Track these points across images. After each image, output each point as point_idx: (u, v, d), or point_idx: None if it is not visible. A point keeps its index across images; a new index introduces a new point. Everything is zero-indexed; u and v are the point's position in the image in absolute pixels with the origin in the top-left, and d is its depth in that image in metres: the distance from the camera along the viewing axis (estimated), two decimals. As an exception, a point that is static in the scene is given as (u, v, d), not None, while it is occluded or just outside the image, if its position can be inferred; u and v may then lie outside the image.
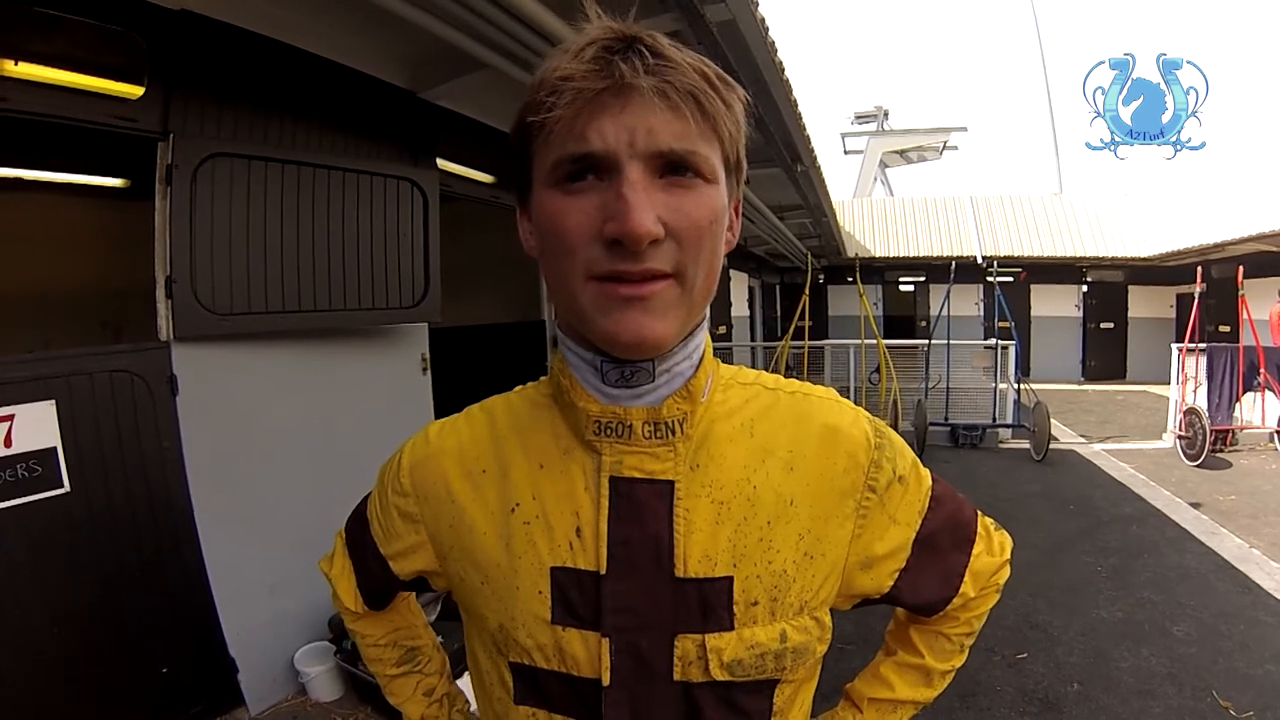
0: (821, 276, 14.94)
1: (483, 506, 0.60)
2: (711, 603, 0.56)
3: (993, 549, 0.71)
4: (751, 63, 3.51)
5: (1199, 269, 7.43)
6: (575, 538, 0.57)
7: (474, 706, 0.70)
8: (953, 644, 0.74)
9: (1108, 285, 14.18)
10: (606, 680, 0.55)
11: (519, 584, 0.58)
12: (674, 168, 0.49)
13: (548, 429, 0.60)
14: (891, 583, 0.64)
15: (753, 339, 12.78)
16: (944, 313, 7.91)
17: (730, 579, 0.56)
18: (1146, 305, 13.89)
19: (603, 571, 0.56)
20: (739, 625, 0.56)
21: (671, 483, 0.57)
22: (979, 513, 0.72)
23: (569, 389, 0.58)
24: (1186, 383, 7.05)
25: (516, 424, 0.62)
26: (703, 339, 0.59)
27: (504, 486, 0.60)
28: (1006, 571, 0.72)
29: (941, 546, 0.67)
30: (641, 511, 0.56)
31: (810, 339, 8.57)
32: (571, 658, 0.56)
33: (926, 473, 0.67)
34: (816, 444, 0.60)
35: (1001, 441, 7.67)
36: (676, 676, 0.56)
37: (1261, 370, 6.64)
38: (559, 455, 0.59)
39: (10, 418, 1.98)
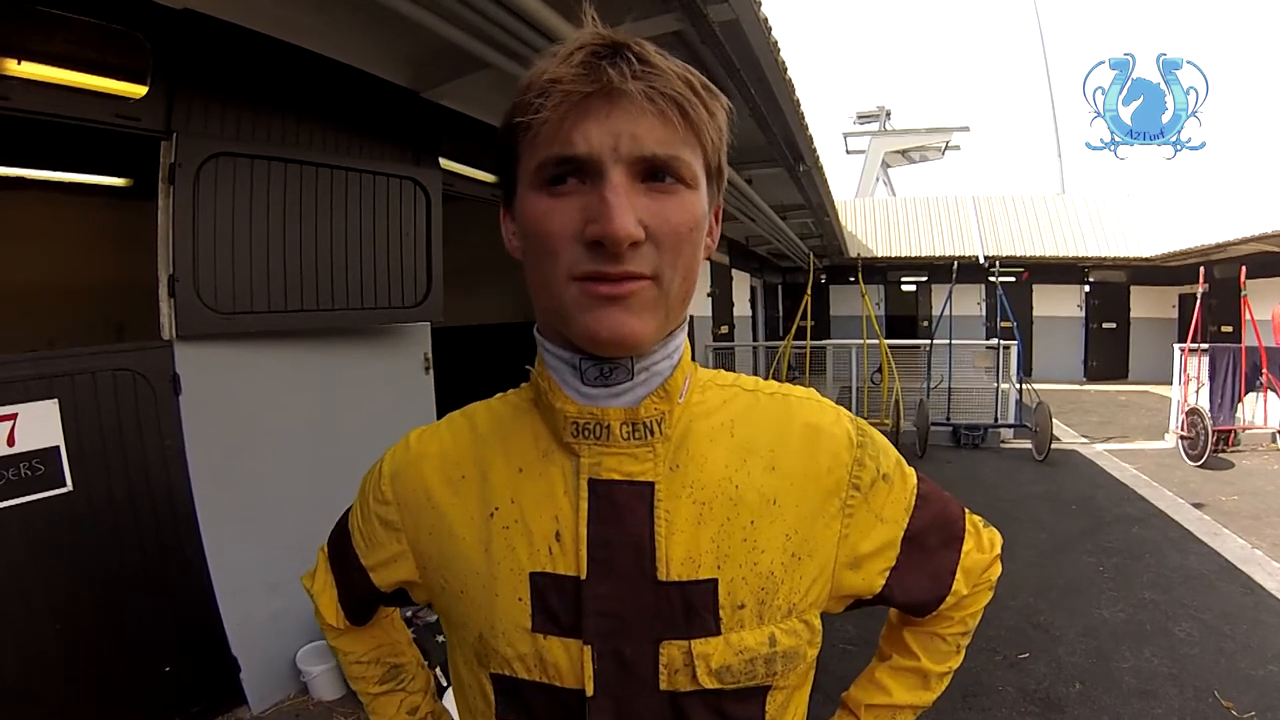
0: (823, 276, 14.93)
1: (462, 512, 0.60)
2: (696, 606, 0.54)
3: (982, 546, 0.71)
4: (754, 63, 3.51)
5: (1201, 269, 7.43)
6: (555, 542, 0.56)
7: None
8: (948, 645, 0.73)
9: (1110, 285, 14.18)
10: (590, 690, 0.54)
11: (498, 590, 0.56)
12: (656, 173, 0.50)
13: (528, 432, 0.60)
14: (883, 582, 0.64)
15: (755, 339, 12.77)
16: (946, 313, 7.91)
17: (714, 581, 0.55)
18: (1149, 305, 13.89)
19: (583, 576, 0.54)
20: (726, 629, 0.55)
21: (651, 484, 0.56)
22: (966, 510, 0.72)
23: (547, 391, 0.57)
24: (1189, 383, 7.04)
25: (498, 428, 0.62)
26: (682, 340, 0.59)
27: (483, 491, 0.59)
28: (998, 568, 0.72)
29: (930, 544, 0.66)
30: (621, 514, 0.55)
31: (812, 339, 8.57)
32: (553, 667, 0.55)
33: (911, 471, 0.66)
34: (798, 443, 0.60)
35: (1003, 441, 7.67)
36: (663, 685, 0.54)
37: (1264, 370, 6.63)
38: (538, 458, 0.58)
39: (13, 416, 1.98)
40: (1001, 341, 7.74)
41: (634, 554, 0.55)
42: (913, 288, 15.61)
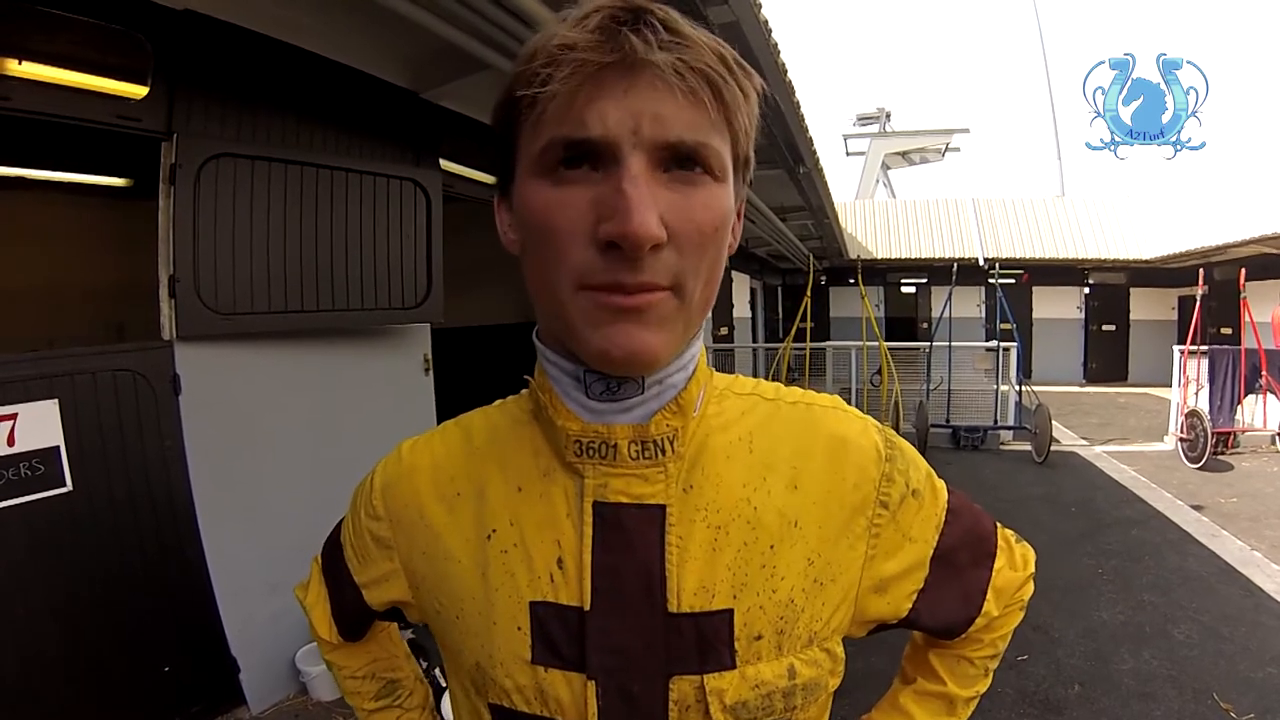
0: (823, 278, 14.94)
1: (458, 532, 0.55)
2: (710, 639, 0.50)
3: (1015, 563, 0.66)
4: (754, 64, 3.47)
5: (1200, 271, 7.43)
6: (556, 569, 0.51)
7: None
8: (976, 668, 0.69)
9: (1109, 287, 14.19)
10: None
11: (496, 619, 0.52)
12: (681, 161, 0.43)
13: (527, 448, 0.55)
14: (910, 605, 0.59)
15: (754, 341, 12.78)
16: (946, 314, 7.91)
17: (730, 612, 0.50)
18: (1148, 307, 13.90)
19: (587, 607, 0.50)
20: (741, 663, 0.50)
21: (662, 507, 0.51)
22: (998, 524, 0.67)
23: (548, 405, 0.52)
24: (1188, 385, 7.04)
25: (495, 441, 0.57)
26: (698, 348, 0.54)
27: (480, 510, 0.55)
28: (1030, 587, 0.67)
29: (961, 563, 0.62)
30: (629, 540, 0.51)
31: (812, 341, 8.57)
32: (555, 701, 0.51)
33: (942, 484, 0.62)
34: (822, 458, 0.55)
35: (1003, 443, 7.66)
36: None
37: (1263, 372, 6.64)
38: (539, 477, 0.54)
39: (13, 416, 1.98)
40: (1001, 343, 7.74)
41: (643, 583, 0.51)
42: (912, 289, 15.63)
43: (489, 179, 3.93)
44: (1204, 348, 7.13)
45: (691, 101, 0.42)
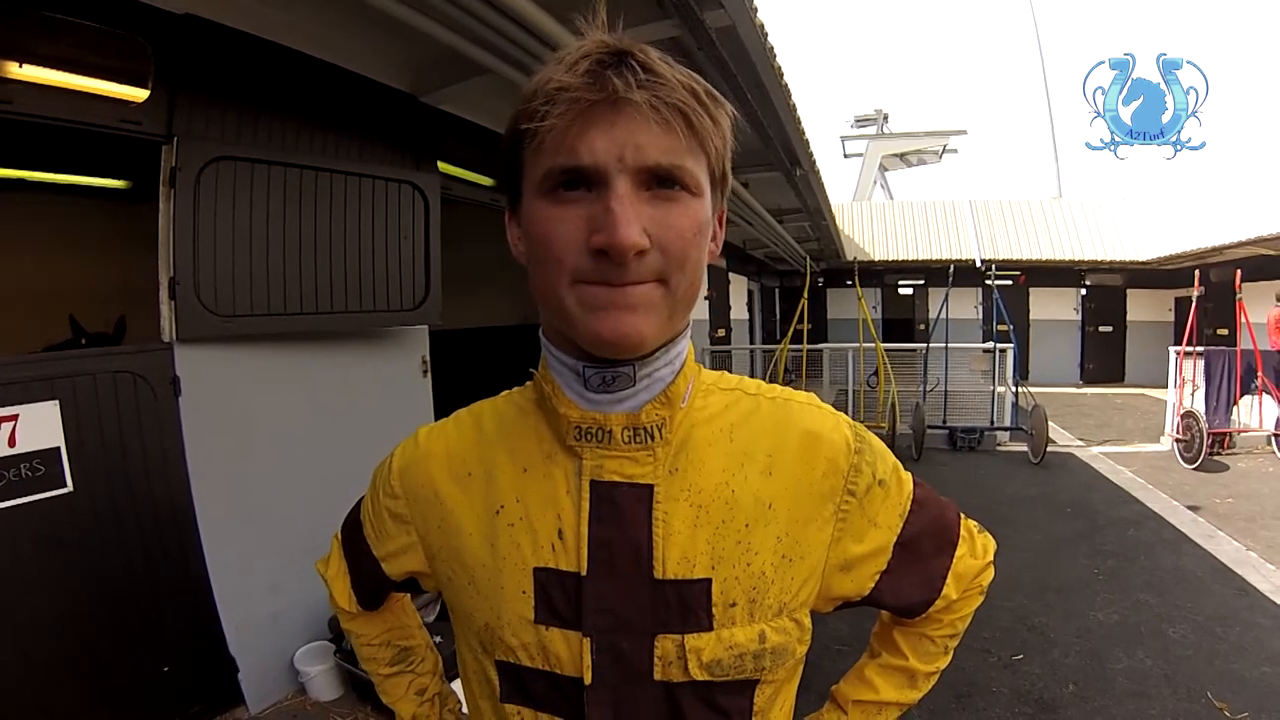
0: (820, 280, 14.97)
1: (469, 509, 0.62)
2: (690, 604, 0.57)
3: (975, 551, 0.73)
4: (750, 68, 3.54)
5: (1197, 273, 7.46)
6: (557, 539, 0.58)
7: (465, 707, 0.72)
8: (936, 646, 0.75)
9: (1106, 289, 14.23)
10: (588, 679, 0.57)
11: (503, 584, 0.59)
12: (661, 181, 0.50)
13: (531, 433, 0.62)
14: (872, 585, 0.66)
15: (752, 342, 12.79)
16: (943, 316, 7.93)
17: (708, 581, 0.57)
18: (1145, 308, 13.95)
19: (583, 573, 0.57)
20: (718, 626, 0.57)
21: (651, 486, 0.58)
22: (962, 515, 0.73)
23: (551, 395, 0.60)
24: (1184, 386, 7.06)
25: (502, 428, 0.64)
26: (685, 346, 0.60)
27: (489, 489, 0.62)
28: (990, 574, 0.74)
29: (923, 549, 0.68)
30: (621, 514, 0.58)
31: (809, 342, 8.59)
32: (554, 656, 0.58)
33: (908, 476, 0.68)
34: (796, 449, 0.62)
35: (999, 444, 7.68)
36: (657, 676, 0.57)
37: (1259, 373, 6.65)
38: (542, 459, 0.61)
39: (14, 417, 1.99)
40: (998, 344, 7.76)
41: (632, 553, 0.57)
42: (909, 291, 15.64)
43: (487, 181, 3.95)
44: (1200, 349, 7.15)
45: (666, 131, 0.49)
